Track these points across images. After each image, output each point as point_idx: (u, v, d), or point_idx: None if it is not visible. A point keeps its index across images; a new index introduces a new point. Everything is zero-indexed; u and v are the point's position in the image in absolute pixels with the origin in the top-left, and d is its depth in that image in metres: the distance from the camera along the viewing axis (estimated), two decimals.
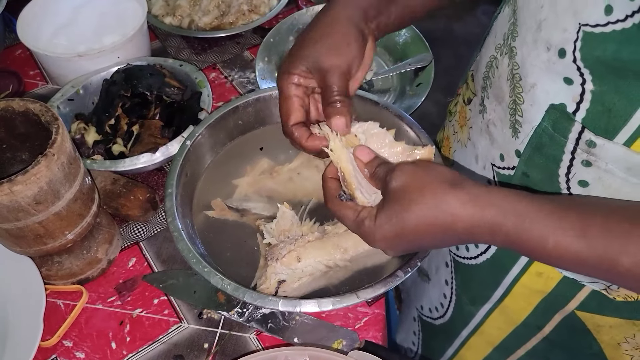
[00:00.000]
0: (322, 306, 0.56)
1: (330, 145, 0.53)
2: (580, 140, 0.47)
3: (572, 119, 0.47)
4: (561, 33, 0.45)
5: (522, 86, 0.52)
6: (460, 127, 0.70)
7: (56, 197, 0.56)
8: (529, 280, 0.61)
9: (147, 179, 0.79)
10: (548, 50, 0.47)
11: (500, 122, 0.57)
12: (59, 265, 0.66)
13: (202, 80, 0.83)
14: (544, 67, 0.48)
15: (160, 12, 1.02)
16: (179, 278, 0.68)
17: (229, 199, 0.71)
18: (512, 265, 0.61)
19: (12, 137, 0.61)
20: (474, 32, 0.62)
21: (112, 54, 0.84)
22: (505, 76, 0.54)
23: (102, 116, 0.79)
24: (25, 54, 0.98)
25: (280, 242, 0.63)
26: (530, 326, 0.65)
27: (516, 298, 0.64)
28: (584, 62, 0.44)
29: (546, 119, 0.49)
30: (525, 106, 0.52)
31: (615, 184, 0.47)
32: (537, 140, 0.51)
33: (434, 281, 0.82)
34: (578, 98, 0.46)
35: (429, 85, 0.90)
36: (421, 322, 0.91)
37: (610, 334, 0.59)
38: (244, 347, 0.63)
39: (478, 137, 0.63)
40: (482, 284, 0.68)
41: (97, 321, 0.66)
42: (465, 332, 0.77)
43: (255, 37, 1.02)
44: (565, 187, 0.51)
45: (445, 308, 0.80)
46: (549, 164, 0.51)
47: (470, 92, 0.66)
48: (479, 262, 0.67)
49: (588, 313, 0.58)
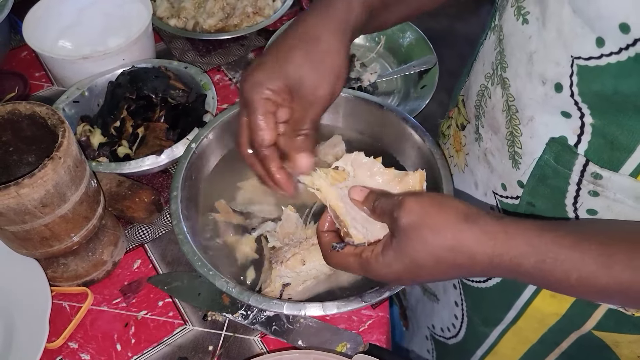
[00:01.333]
0: (326, 310, 0.56)
1: (315, 184, 0.49)
2: (585, 173, 0.46)
3: (574, 152, 0.46)
4: (554, 67, 0.43)
5: (519, 118, 0.50)
6: (456, 152, 0.68)
7: (62, 199, 0.56)
8: (542, 303, 0.59)
9: (152, 181, 0.80)
10: (544, 84, 0.45)
11: (498, 152, 0.55)
12: (64, 267, 0.66)
13: (207, 82, 0.83)
14: (540, 101, 0.47)
15: (165, 14, 1.02)
16: (183, 280, 0.68)
17: (234, 201, 0.71)
18: (524, 288, 0.60)
19: (18, 140, 0.62)
20: (477, 32, 0.62)
21: (117, 56, 0.84)
22: (501, 107, 0.52)
23: (108, 118, 0.80)
24: (30, 55, 0.99)
25: (284, 245, 0.63)
26: (547, 343, 0.63)
27: (529, 320, 0.62)
28: (582, 97, 0.43)
29: (547, 152, 0.48)
30: (524, 138, 0.50)
31: (625, 211, 0.46)
32: (539, 172, 0.50)
33: (443, 302, 0.80)
34: (578, 131, 0.45)
35: (433, 88, 0.90)
36: (434, 341, 0.89)
37: (629, 348, 0.57)
38: (248, 349, 0.64)
39: (476, 164, 0.61)
40: (494, 306, 0.66)
41: (102, 323, 0.66)
42: (480, 352, 0.74)
43: (259, 39, 1.03)
44: (574, 215, 0.50)
45: (457, 328, 0.78)
46: (554, 194, 0.50)
47: (462, 118, 0.64)
48: (489, 286, 0.65)
49: (605, 332, 0.57)
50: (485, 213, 0.42)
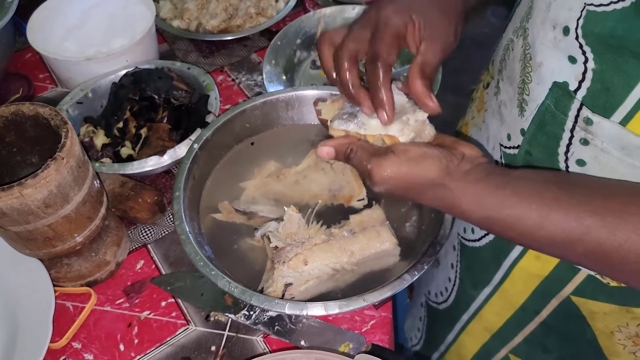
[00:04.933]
0: (328, 309, 0.56)
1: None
2: (578, 118, 0.48)
3: (572, 97, 0.48)
4: (567, 12, 0.46)
5: (531, 65, 0.53)
6: (477, 112, 0.71)
7: (65, 200, 0.57)
8: (527, 263, 0.62)
9: (155, 181, 0.80)
10: (554, 28, 0.48)
11: (510, 101, 0.58)
12: (68, 267, 0.67)
13: (210, 83, 0.83)
14: (550, 46, 0.49)
15: (169, 15, 1.02)
16: (186, 280, 0.68)
17: (236, 201, 0.71)
18: (512, 247, 0.62)
19: (22, 141, 0.62)
20: (483, 33, 0.62)
21: (120, 57, 0.84)
22: (519, 57, 0.55)
23: (111, 119, 0.80)
24: (35, 57, 0.99)
25: (287, 245, 0.63)
26: (528, 310, 0.66)
27: (515, 281, 0.65)
28: (585, 39, 0.45)
29: (549, 97, 0.50)
30: (532, 85, 0.53)
31: (611, 163, 0.47)
32: (540, 118, 0.52)
33: (442, 265, 0.83)
34: (580, 77, 0.47)
35: (436, 87, 0.89)
36: (427, 308, 0.93)
37: (604, 321, 0.59)
38: (251, 349, 0.64)
39: (491, 118, 0.64)
40: (484, 266, 0.69)
41: (106, 323, 0.66)
42: (465, 317, 0.78)
43: (262, 39, 1.03)
44: (564, 166, 0.52)
45: (449, 292, 0.82)
46: (550, 142, 0.52)
47: (489, 77, 0.67)
48: (482, 244, 0.68)
49: (582, 298, 0.59)
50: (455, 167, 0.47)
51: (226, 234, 0.68)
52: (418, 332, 1.00)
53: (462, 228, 0.73)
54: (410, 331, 1.05)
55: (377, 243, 0.63)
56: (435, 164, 0.46)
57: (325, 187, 0.71)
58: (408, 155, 0.47)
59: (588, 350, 0.64)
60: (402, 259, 0.64)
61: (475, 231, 0.70)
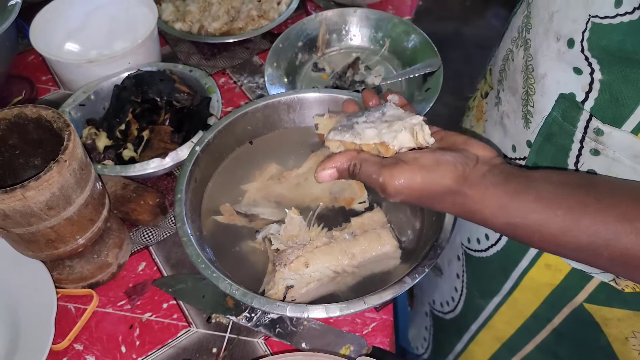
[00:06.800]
0: (329, 312, 0.56)
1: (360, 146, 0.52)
2: (588, 129, 0.47)
3: (580, 108, 0.47)
4: (571, 24, 0.45)
5: (534, 77, 0.52)
6: (476, 121, 0.70)
7: (68, 202, 0.57)
8: (537, 273, 0.61)
9: (157, 183, 0.80)
10: (558, 40, 0.48)
11: (514, 113, 0.57)
12: (70, 269, 0.67)
13: (212, 85, 0.84)
14: (554, 57, 0.49)
15: (171, 17, 1.03)
16: (187, 282, 0.68)
17: (238, 204, 0.71)
18: (521, 258, 0.62)
19: (24, 143, 0.62)
20: (484, 35, 0.63)
21: (122, 60, 0.85)
22: (520, 68, 0.55)
23: (113, 121, 0.80)
24: (37, 59, 1.00)
25: (288, 248, 0.63)
26: (540, 318, 0.65)
27: (525, 291, 0.64)
28: (591, 52, 0.45)
29: (556, 109, 0.50)
30: (536, 97, 0.52)
31: (623, 172, 0.47)
32: (547, 129, 0.52)
33: (446, 275, 0.82)
34: (587, 87, 0.47)
35: (437, 90, 0.89)
36: (433, 317, 0.92)
37: (618, 327, 0.59)
38: (252, 351, 0.64)
39: (492, 130, 0.63)
40: (492, 277, 0.68)
41: (107, 325, 0.66)
42: (475, 327, 0.77)
43: (264, 42, 1.03)
44: None
45: (455, 302, 0.81)
46: (558, 154, 0.52)
47: (487, 86, 0.67)
48: (489, 255, 0.68)
49: (596, 305, 0.58)
50: (471, 171, 0.45)
51: (227, 236, 0.68)
52: (424, 341, 0.99)
53: (467, 238, 0.73)
54: (417, 340, 1.04)
55: (378, 245, 0.63)
56: (451, 170, 0.45)
57: (327, 190, 0.71)
58: (420, 163, 0.46)
59: (602, 356, 0.63)
60: (403, 262, 0.64)
61: (482, 242, 0.69)
